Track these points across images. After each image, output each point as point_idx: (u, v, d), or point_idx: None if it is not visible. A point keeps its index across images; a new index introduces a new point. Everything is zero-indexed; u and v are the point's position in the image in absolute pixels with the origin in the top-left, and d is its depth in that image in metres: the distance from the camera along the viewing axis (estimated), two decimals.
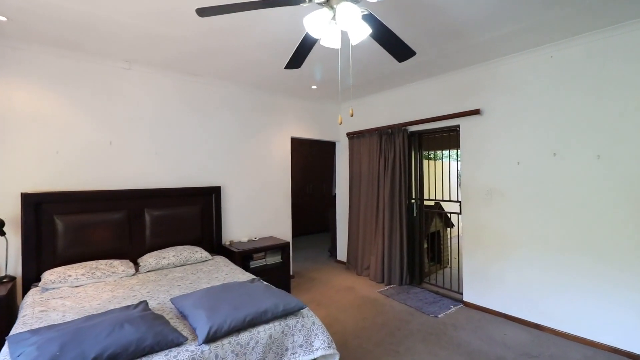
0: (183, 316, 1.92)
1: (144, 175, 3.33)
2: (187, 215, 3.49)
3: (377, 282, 4.27)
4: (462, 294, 3.63)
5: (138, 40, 2.71)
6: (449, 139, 3.87)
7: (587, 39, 2.66)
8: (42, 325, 1.88)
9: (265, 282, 2.44)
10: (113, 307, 2.12)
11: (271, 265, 3.74)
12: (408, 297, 3.71)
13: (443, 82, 3.73)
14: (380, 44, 1.75)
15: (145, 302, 2.00)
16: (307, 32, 1.66)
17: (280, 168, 4.43)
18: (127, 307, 1.93)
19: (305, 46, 1.75)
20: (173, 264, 3.03)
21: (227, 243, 3.78)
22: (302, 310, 2.00)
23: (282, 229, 4.41)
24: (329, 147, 7.57)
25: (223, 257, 3.35)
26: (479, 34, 2.65)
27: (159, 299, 2.25)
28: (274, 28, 2.49)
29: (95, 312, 2.04)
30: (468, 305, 3.50)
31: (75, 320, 1.75)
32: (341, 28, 1.46)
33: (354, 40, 1.54)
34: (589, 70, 2.68)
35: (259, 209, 4.19)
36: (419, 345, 2.72)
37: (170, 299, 2.09)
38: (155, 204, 3.33)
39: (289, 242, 3.91)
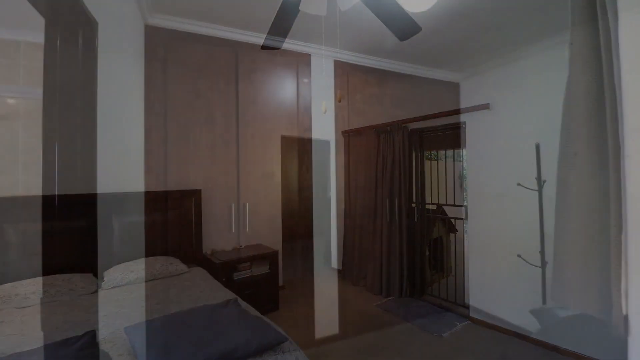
0: (135, 352, 1.57)
1: (112, 176, 2.94)
2: (162, 221, 3.13)
3: (374, 293, 3.92)
4: (467, 307, 3.28)
5: (99, 18, 2.35)
6: (453, 137, 3.52)
7: (610, 25, 2.32)
8: None
9: (242, 304, 2.08)
10: (59, 338, 1.76)
11: (258, 277, 3.37)
12: (409, 312, 3.35)
13: (448, 73, 3.38)
14: (377, 15, 1.40)
15: (91, 333, 1.64)
16: None
17: (269, 169, 4.06)
18: (67, 340, 1.56)
19: (285, 16, 1.39)
20: (142, 278, 2.67)
21: (209, 252, 3.41)
22: (282, 344, 1.64)
23: (270, 236, 4.03)
24: (326, 146, 7.21)
25: (201, 269, 2.98)
26: (491, 16, 2.31)
27: (114, 326, 1.89)
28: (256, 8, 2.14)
29: (36, 344, 1.68)
30: (475, 321, 3.15)
31: None
32: None
33: (343, 5, 1.18)
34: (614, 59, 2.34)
35: (244, 214, 3.82)
36: None
37: (125, 328, 1.73)
38: (126, 210, 2.96)
39: (277, 251, 3.55)
